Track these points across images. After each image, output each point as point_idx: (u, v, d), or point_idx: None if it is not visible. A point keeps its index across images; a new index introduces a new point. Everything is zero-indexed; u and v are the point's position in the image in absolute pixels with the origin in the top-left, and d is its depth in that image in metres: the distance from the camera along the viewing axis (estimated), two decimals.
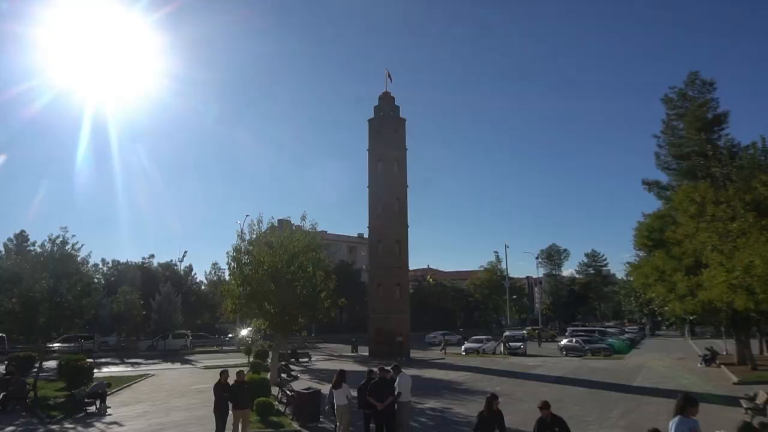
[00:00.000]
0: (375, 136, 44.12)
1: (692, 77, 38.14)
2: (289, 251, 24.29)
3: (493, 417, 9.02)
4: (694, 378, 25.38)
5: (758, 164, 24.09)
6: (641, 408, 17.30)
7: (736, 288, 16.78)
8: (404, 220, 43.11)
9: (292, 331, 27.60)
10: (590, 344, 41.17)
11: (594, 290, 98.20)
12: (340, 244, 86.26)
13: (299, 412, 15.32)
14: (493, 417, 9.02)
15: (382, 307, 40.98)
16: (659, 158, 39.49)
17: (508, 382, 24.45)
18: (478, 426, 8.96)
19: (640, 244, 38.54)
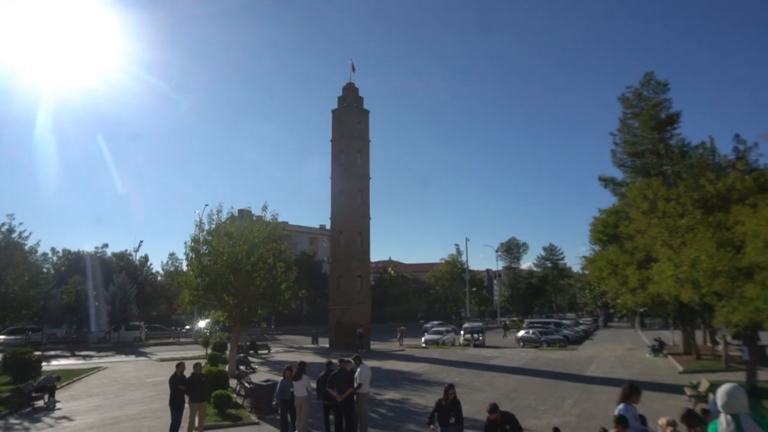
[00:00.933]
0: (338, 127, 43.89)
1: (648, 77, 39.45)
2: (249, 242, 23.93)
3: (450, 405, 9.21)
4: (643, 367, 26.43)
5: (706, 163, 25.06)
6: (593, 397, 17.90)
7: (682, 282, 17.49)
8: (366, 212, 43.11)
9: (251, 322, 27.27)
10: (546, 335, 42.27)
11: (551, 283, 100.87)
12: (302, 236, 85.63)
13: (258, 405, 15.18)
14: (450, 405, 9.21)
15: (343, 298, 40.97)
16: (615, 155, 40.75)
17: (467, 373, 24.86)
18: (435, 412, 9.14)
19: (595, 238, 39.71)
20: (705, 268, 15.48)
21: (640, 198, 26.81)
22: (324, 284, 61.93)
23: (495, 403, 8.62)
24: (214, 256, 23.62)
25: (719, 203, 20.55)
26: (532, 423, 13.16)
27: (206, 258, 24.04)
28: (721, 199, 20.71)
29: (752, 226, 13.92)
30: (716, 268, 15.02)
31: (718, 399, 4.35)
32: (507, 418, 8.65)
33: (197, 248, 24.22)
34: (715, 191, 21.09)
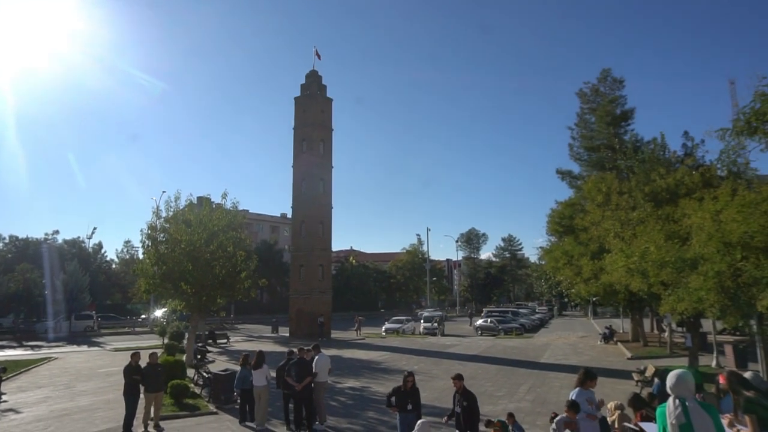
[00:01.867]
0: (301, 115, 43.41)
1: (604, 74, 40.57)
2: (208, 230, 23.49)
3: (409, 393, 9.39)
4: (594, 354, 27.44)
5: (657, 159, 26.04)
6: (547, 382, 18.50)
7: (633, 272, 18.18)
8: (328, 201, 42.94)
9: (210, 311, 26.86)
10: (504, 324, 43.27)
11: (509, 273, 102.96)
12: (263, 224, 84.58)
13: (216, 394, 15.03)
14: (409, 393, 9.39)
15: (304, 287, 40.79)
16: (572, 149, 41.87)
17: (426, 361, 25.24)
18: (392, 396, 9.29)
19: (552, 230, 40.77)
20: (653, 259, 16.14)
21: (594, 191, 27.66)
22: (285, 273, 61.43)
23: (460, 374, 9.33)
24: (172, 244, 23.09)
25: (668, 197, 21.42)
26: (488, 409, 13.50)
27: (163, 246, 23.48)
28: (670, 193, 21.59)
29: (697, 219, 14.56)
30: (664, 259, 15.68)
31: (668, 384, 4.60)
32: (467, 395, 9.07)
33: (154, 236, 23.62)
34: (665, 185, 21.96)
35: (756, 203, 13.30)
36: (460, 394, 9.12)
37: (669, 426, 4.38)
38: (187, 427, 12.65)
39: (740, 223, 12.83)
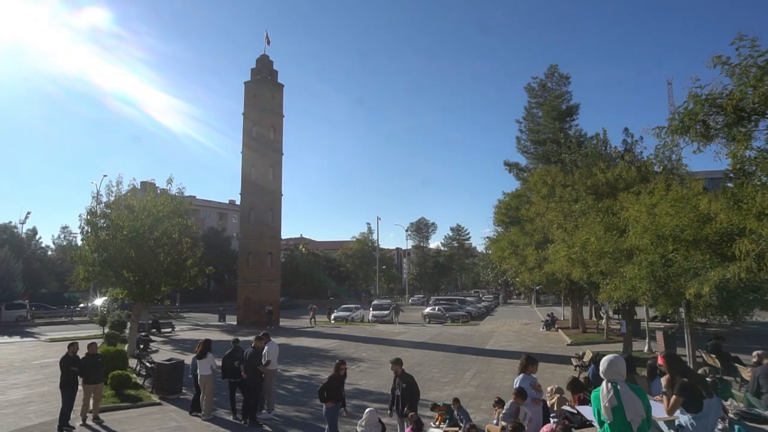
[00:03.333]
0: (251, 100, 42.48)
1: (552, 70, 41.76)
2: (152, 216, 22.73)
3: (341, 380, 9.63)
4: (537, 340, 28.48)
5: (599, 153, 27.12)
6: (491, 368, 19.08)
7: (574, 262, 18.97)
8: (278, 189, 42.36)
9: (153, 300, 26.06)
10: (451, 312, 44.16)
11: (457, 262, 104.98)
12: (210, 211, 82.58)
13: (160, 384, 14.67)
14: (341, 380, 9.63)
15: (252, 275, 40.23)
16: (520, 142, 42.97)
17: (374, 349, 25.48)
18: (326, 386, 9.35)
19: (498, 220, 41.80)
20: (593, 249, 16.88)
21: (540, 183, 28.56)
22: (233, 261, 60.33)
23: (399, 358, 9.67)
24: (113, 231, 22.20)
25: (608, 191, 22.38)
26: (435, 394, 13.81)
27: (104, 232, 22.54)
28: (610, 187, 22.57)
29: (634, 212, 15.32)
30: (603, 250, 16.43)
31: (601, 369, 4.87)
32: (406, 378, 9.37)
33: (94, 221, 22.62)
34: (605, 180, 22.92)
35: (686, 199, 14.11)
36: (399, 377, 9.39)
37: (602, 408, 4.65)
38: (129, 419, 12.31)
39: (672, 216, 13.59)
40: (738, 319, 14.80)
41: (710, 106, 9.48)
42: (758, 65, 8.81)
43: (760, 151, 9.39)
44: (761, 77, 8.76)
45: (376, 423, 7.95)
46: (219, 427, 11.69)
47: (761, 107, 9.14)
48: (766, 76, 8.74)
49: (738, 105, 9.11)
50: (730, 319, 14.93)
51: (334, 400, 9.41)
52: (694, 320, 15.97)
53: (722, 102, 9.28)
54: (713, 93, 9.43)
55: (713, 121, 9.68)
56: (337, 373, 9.66)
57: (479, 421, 10.41)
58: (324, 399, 9.37)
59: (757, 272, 10.14)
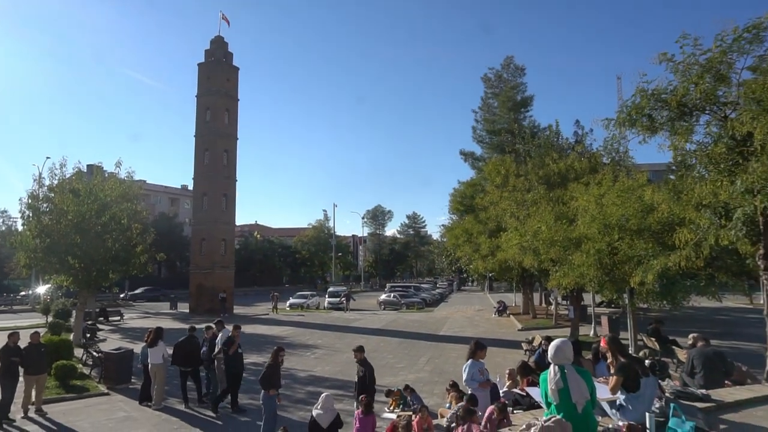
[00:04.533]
0: (205, 83, 41.25)
1: (508, 61, 42.42)
2: (99, 200, 21.86)
3: (279, 367, 9.73)
4: (489, 326, 29.19)
5: (551, 144, 27.87)
6: (444, 354, 19.45)
7: (525, 249, 19.54)
8: (232, 174, 41.50)
9: (101, 287, 25.17)
10: (406, 299, 44.62)
11: (413, 249, 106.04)
12: (161, 196, 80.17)
13: (108, 374, 14.25)
14: (279, 367, 9.73)
15: (205, 262, 39.41)
16: (475, 132, 43.60)
17: (329, 335, 25.51)
18: (268, 374, 9.36)
19: (454, 208, 42.44)
20: (544, 237, 17.40)
21: (494, 173, 29.12)
22: (185, 247, 58.91)
23: (361, 345, 9.89)
24: (57, 215, 21.23)
25: (559, 181, 23.06)
26: (389, 380, 13.98)
27: (47, 217, 21.52)
28: (561, 177, 23.26)
29: (583, 202, 15.87)
30: (553, 238, 16.96)
31: (548, 353, 5.06)
32: (365, 365, 9.45)
33: (36, 206, 21.54)
34: (557, 170, 23.59)
35: (632, 189, 14.73)
36: (359, 363, 9.51)
37: (549, 390, 4.85)
38: (74, 410, 11.92)
39: (618, 206, 14.16)
40: (676, 304, 15.64)
41: (656, 100, 9.89)
42: (700, 63, 9.23)
43: (700, 145, 9.87)
44: (702, 75, 9.18)
45: (332, 407, 8.00)
46: (170, 416, 11.49)
47: (702, 103, 9.60)
48: (706, 74, 9.17)
49: (681, 100, 9.53)
50: (669, 305, 15.75)
51: (275, 388, 9.40)
52: (636, 306, 16.77)
53: (667, 97, 9.70)
54: (659, 88, 9.84)
55: (658, 115, 10.11)
56: (275, 360, 9.63)
57: (432, 405, 10.63)
58: (268, 387, 9.33)
59: (694, 260, 10.71)
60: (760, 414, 5.90)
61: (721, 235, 9.26)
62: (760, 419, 5.62)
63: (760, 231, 9.41)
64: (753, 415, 5.87)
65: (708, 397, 6.39)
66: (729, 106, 9.54)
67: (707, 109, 9.77)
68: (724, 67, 9.15)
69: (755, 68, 9.19)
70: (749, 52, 9.03)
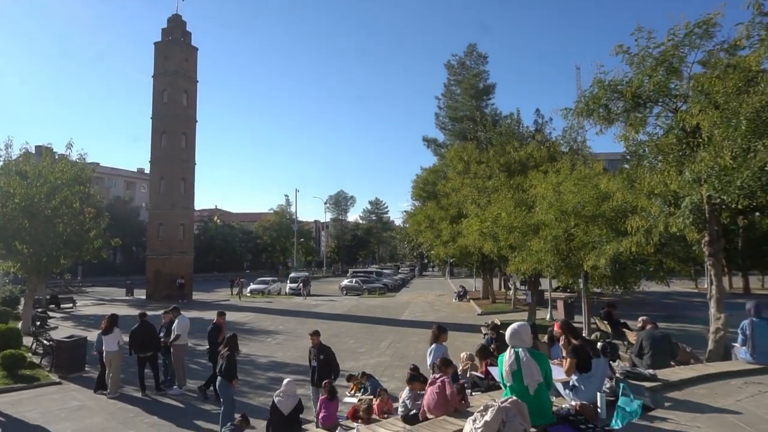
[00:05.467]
0: (161, 63, 39.92)
1: (471, 48, 42.69)
2: (49, 183, 20.97)
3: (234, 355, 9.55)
4: (450, 311, 29.66)
5: (512, 132, 28.35)
6: (406, 338, 19.69)
7: (486, 236, 19.90)
8: (191, 157, 40.52)
9: (51, 274, 24.25)
10: (368, 284, 44.82)
11: (375, 235, 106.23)
12: (116, 179, 77.54)
13: (60, 363, 13.82)
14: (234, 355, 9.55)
15: (163, 247, 38.51)
16: (438, 118, 43.88)
17: (291, 321, 25.42)
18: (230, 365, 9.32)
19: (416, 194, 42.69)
20: (504, 224, 17.76)
21: (456, 160, 29.42)
22: (142, 232, 57.30)
23: (317, 330, 9.92)
24: (3, 198, 20.24)
25: (519, 168, 23.50)
26: (351, 365, 14.07)
27: None
28: (521, 165, 23.69)
29: (541, 189, 16.25)
30: (512, 225, 17.33)
31: (506, 336, 5.20)
32: (323, 348, 9.54)
33: None
34: (517, 158, 24.02)
35: (588, 178, 15.17)
36: (316, 348, 9.52)
37: (504, 372, 5.00)
38: (24, 401, 11.53)
39: (575, 194, 14.57)
40: (628, 288, 16.27)
41: (612, 91, 10.17)
42: (653, 56, 9.53)
43: (651, 136, 10.23)
44: (656, 67, 9.49)
45: (294, 393, 8.00)
46: (126, 404, 11.27)
47: (655, 95, 9.93)
48: (660, 67, 9.47)
49: (636, 92, 9.84)
50: (621, 289, 16.38)
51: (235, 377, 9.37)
52: (590, 290, 17.36)
53: (622, 89, 9.99)
54: (615, 80, 10.12)
55: (614, 106, 10.41)
56: (231, 348, 9.51)
57: (393, 388, 10.76)
58: (231, 377, 9.26)
59: (645, 246, 11.14)
60: (702, 392, 6.23)
61: (670, 223, 9.64)
62: (701, 396, 5.94)
63: (706, 219, 9.86)
64: (695, 392, 6.20)
65: (655, 377, 6.70)
66: (680, 98, 9.90)
67: (660, 101, 10.12)
68: (676, 61, 9.48)
69: (705, 63, 9.55)
70: (699, 46, 9.38)
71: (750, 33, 8.71)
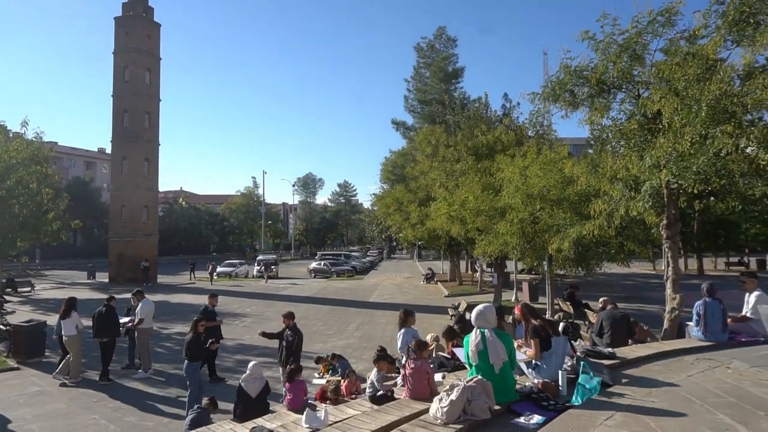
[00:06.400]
0: (123, 38, 38.48)
1: (440, 31, 42.62)
2: (3, 162, 20.19)
3: (199, 338, 9.47)
4: (418, 293, 29.98)
5: (480, 116, 28.49)
6: (374, 320, 19.85)
7: (453, 219, 20.12)
8: (155, 137, 39.46)
9: (8, 256, 23.46)
10: (336, 266, 44.84)
11: (343, 218, 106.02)
12: (76, 159, 75.03)
13: (18, 348, 13.43)
14: (199, 338, 9.47)
15: (126, 230, 37.59)
16: (407, 101, 43.83)
17: (259, 304, 25.28)
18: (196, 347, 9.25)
19: (385, 177, 42.75)
20: (471, 207, 17.97)
21: (425, 143, 29.52)
22: (104, 214, 55.74)
23: (291, 312, 9.95)
24: None
25: (487, 152, 23.70)
26: (319, 347, 14.14)
27: None
28: (489, 149, 23.90)
29: (508, 173, 16.47)
30: (479, 208, 17.55)
31: (471, 317, 5.31)
32: (295, 331, 9.50)
33: None
34: (485, 142, 24.21)
35: (554, 162, 15.44)
36: (290, 330, 9.52)
37: (470, 352, 5.11)
38: None
39: (541, 178, 14.83)
40: (590, 270, 16.73)
41: (578, 77, 10.34)
42: (618, 43, 9.71)
43: (614, 121, 10.47)
44: (620, 54, 9.68)
45: (261, 376, 8.01)
46: (88, 389, 11.05)
47: (619, 81, 10.14)
48: (624, 53, 9.67)
49: (600, 78, 10.02)
50: (584, 271, 16.82)
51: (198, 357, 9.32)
52: (554, 272, 17.78)
53: (588, 74, 10.16)
54: (581, 65, 10.28)
55: (580, 91, 10.59)
56: (195, 331, 9.42)
57: (361, 370, 10.87)
58: (198, 359, 9.20)
59: (606, 229, 11.46)
60: (657, 368, 6.51)
61: (630, 206, 9.93)
62: (656, 373, 6.20)
63: (664, 203, 10.20)
64: (651, 369, 6.47)
65: (613, 355, 6.95)
66: (642, 85, 10.13)
67: (623, 87, 10.34)
68: (640, 48, 9.69)
69: (666, 50, 9.78)
70: (662, 34, 9.60)
71: (707, 22, 8.96)
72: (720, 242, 42.30)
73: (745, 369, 6.16)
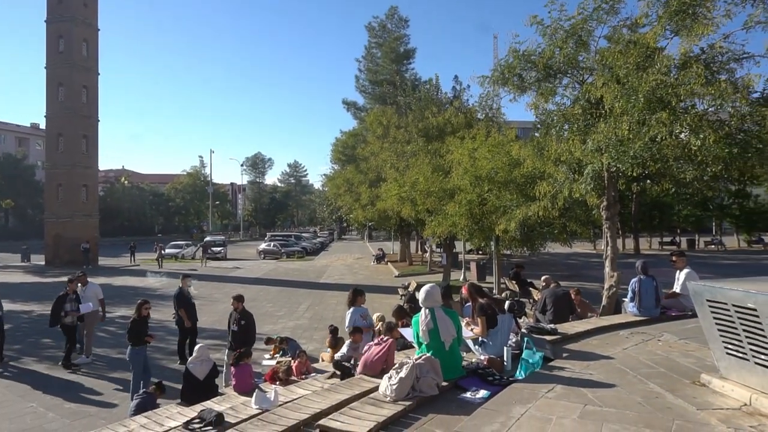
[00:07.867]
0: (56, 6, 36.15)
1: (392, 11, 42.33)
2: None
3: (143, 321, 9.25)
4: (368, 273, 30.18)
5: (431, 98, 28.66)
6: (324, 301, 19.86)
7: (404, 200, 20.31)
8: (94, 113, 37.55)
9: None
10: (286, 248, 44.46)
11: (294, 198, 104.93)
12: (6, 135, 70.61)
13: None
14: (143, 321, 9.25)
15: (63, 210, 35.79)
16: (359, 81, 43.52)
17: (207, 285, 24.78)
18: (135, 330, 9.03)
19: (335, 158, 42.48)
20: (421, 189, 18.18)
21: (375, 124, 29.49)
22: (38, 193, 52.81)
23: (240, 295, 9.94)
24: None
25: (437, 134, 23.94)
26: (269, 328, 14.05)
27: None
28: (439, 131, 24.15)
29: (458, 155, 16.73)
30: (429, 189, 17.79)
31: (419, 297, 5.41)
32: (244, 314, 9.59)
33: None
34: (436, 123, 24.43)
35: (502, 145, 15.78)
36: (239, 313, 9.44)
37: (421, 332, 5.23)
38: None
39: (489, 160, 15.14)
40: (534, 250, 17.32)
41: (526, 61, 10.55)
42: (564, 29, 9.95)
43: (559, 106, 10.78)
44: (566, 39, 9.93)
45: (207, 358, 7.89)
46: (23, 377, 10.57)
47: (565, 67, 10.42)
48: (570, 39, 9.92)
49: (547, 63, 10.27)
50: (529, 251, 17.40)
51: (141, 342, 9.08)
52: (501, 252, 18.30)
53: (535, 59, 10.38)
54: (529, 50, 10.49)
55: (527, 75, 10.82)
56: (140, 314, 9.20)
57: (312, 350, 10.92)
58: (139, 342, 8.97)
59: (550, 210, 11.86)
60: (595, 342, 6.87)
61: (573, 189, 10.31)
62: (594, 347, 6.55)
63: (605, 186, 10.64)
64: (589, 343, 6.82)
65: (555, 331, 7.27)
66: (586, 71, 10.46)
67: (569, 72, 10.64)
68: (585, 34, 9.97)
69: (610, 38, 10.12)
70: (606, 21, 9.91)
71: (649, 12, 9.31)
72: (655, 223, 44.72)
73: (675, 341, 6.58)
